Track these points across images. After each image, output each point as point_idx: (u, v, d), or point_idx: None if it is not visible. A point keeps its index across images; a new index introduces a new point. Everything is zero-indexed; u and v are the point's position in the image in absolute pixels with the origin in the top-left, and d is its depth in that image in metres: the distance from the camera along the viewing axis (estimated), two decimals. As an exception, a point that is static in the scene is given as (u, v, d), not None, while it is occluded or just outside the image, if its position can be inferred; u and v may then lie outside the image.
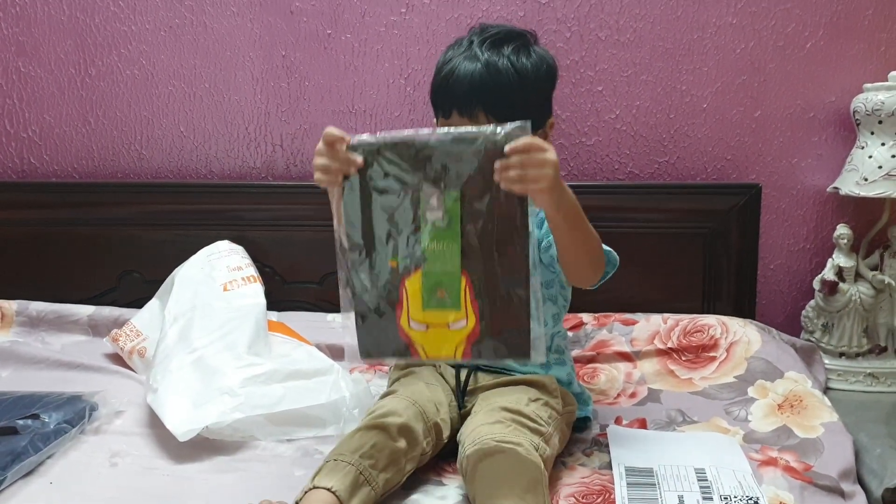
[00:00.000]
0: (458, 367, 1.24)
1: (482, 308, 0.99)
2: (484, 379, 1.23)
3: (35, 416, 1.22)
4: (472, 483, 1.01)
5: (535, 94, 1.19)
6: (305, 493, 0.97)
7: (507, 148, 0.93)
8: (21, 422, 1.21)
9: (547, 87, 1.22)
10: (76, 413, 1.26)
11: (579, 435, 1.27)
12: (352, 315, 1.05)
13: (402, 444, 1.06)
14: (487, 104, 1.14)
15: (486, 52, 1.16)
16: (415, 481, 1.10)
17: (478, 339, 1.00)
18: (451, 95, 1.16)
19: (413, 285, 1.00)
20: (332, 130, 1.00)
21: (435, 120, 1.24)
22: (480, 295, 0.98)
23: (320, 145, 1.01)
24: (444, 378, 1.24)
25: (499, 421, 1.07)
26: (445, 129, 0.97)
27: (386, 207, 1.00)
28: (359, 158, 0.99)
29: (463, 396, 1.21)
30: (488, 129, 0.95)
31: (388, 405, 1.12)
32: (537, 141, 0.95)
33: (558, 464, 1.17)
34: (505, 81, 1.14)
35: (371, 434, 1.05)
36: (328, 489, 0.96)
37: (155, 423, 1.26)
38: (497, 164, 0.94)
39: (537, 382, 1.19)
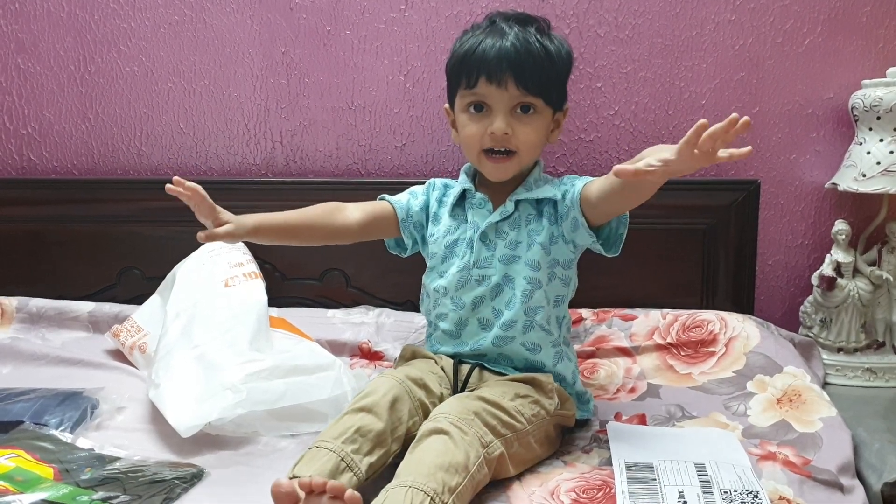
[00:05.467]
0: (457, 363, 1.25)
1: None
2: (487, 377, 1.24)
3: (42, 425, 1.22)
4: (410, 451, 1.01)
5: (559, 74, 1.24)
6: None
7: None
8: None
9: (567, 69, 1.26)
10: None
11: (579, 432, 1.27)
12: None
13: (386, 423, 1.06)
14: (518, 73, 1.17)
15: (512, 27, 1.20)
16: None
17: None
18: (478, 63, 1.19)
19: None
20: None
21: (448, 99, 1.29)
22: None
23: None
24: (444, 372, 1.25)
25: (465, 407, 1.06)
26: None
27: None
28: None
29: (462, 391, 1.22)
30: None
31: (372, 385, 1.13)
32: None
33: (557, 462, 1.17)
34: (536, 53, 1.19)
35: (355, 417, 1.06)
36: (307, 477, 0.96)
37: (156, 419, 1.27)
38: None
39: (534, 381, 1.20)
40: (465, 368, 1.24)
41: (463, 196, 1.31)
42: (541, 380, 1.20)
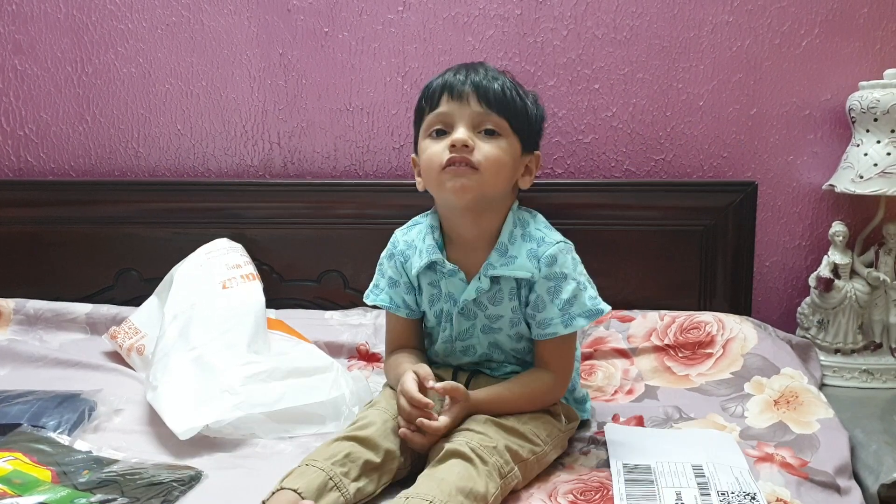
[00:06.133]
0: (456, 371, 1.25)
1: None
2: (486, 382, 1.22)
3: (40, 427, 1.22)
4: (431, 468, 1.02)
5: (528, 114, 1.19)
6: (273, 493, 0.98)
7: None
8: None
9: (537, 117, 1.22)
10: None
11: (577, 433, 1.27)
12: None
13: (378, 456, 1.06)
14: (481, 91, 1.14)
15: (483, 65, 1.19)
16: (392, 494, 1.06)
17: None
18: (441, 85, 1.16)
19: None
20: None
21: (415, 147, 1.22)
22: None
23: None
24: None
25: (485, 434, 1.07)
26: None
27: None
28: None
29: None
30: None
31: (368, 417, 1.12)
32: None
33: (556, 463, 1.17)
34: (502, 83, 1.16)
35: (347, 444, 1.06)
36: (294, 490, 0.97)
37: (154, 421, 1.27)
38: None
39: None
40: (463, 376, 1.24)
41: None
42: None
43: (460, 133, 1.12)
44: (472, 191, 1.13)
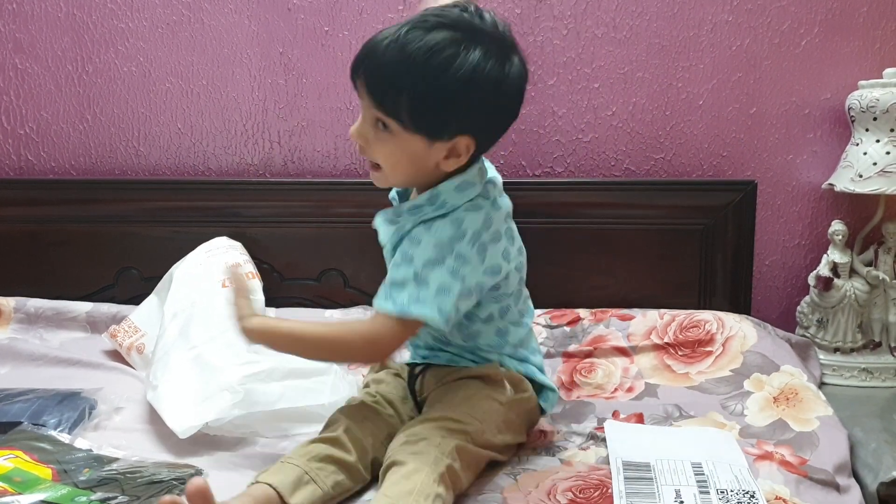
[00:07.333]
0: (412, 367, 1.25)
1: None
2: (433, 377, 1.21)
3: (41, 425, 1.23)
4: (376, 490, 1.02)
5: (428, 105, 1.02)
6: (249, 486, 0.99)
7: None
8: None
9: (456, 92, 1.02)
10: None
11: (577, 428, 1.28)
12: None
13: (352, 455, 1.07)
14: (371, 84, 1.03)
15: (385, 40, 1.04)
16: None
17: None
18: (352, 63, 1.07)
19: None
20: None
21: None
22: None
23: None
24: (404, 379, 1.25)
25: (413, 432, 1.06)
26: None
27: None
28: None
29: (416, 398, 1.22)
30: None
31: (333, 417, 1.13)
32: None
33: (554, 460, 1.17)
34: (389, 57, 1.02)
35: (321, 446, 1.06)
36: (269, 485, 0.98)
37: (154, 420, 1.27)
38: None
39: (483, 376, 1.18)
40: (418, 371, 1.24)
41: None
42: (488, 373, 1.18)
43: (354, 126, 1.08)
44: (383, 185, 1.14)
